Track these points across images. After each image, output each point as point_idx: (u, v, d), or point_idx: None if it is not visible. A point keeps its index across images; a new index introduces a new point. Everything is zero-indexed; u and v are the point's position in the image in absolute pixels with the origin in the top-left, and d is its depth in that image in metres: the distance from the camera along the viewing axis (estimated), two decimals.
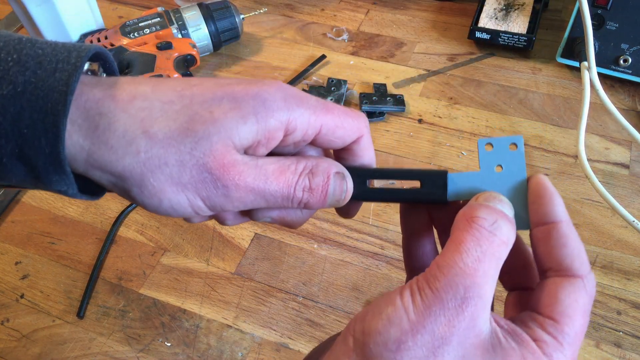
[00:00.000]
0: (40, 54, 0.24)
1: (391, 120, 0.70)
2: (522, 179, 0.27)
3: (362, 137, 0.29)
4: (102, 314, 0.54)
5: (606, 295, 0.52)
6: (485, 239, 0.23)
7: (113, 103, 0.25)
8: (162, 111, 0.25)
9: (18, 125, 0.23)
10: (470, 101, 0.71)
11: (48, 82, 0.23)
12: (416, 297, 0.23)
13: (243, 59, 0.80)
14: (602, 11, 0.68)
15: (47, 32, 0.72)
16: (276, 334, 0.51)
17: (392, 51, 0.80)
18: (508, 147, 0.27)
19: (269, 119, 0.26)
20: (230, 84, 0.27)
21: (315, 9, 0.88)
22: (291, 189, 0.27)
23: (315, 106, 0.27)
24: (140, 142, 0.25)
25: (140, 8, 0.92)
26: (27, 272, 0.58)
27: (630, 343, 0.49)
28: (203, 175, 0.25)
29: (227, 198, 0.26)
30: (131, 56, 0.71)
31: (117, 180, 0.25)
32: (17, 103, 0.23)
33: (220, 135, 0.25)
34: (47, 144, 0.23)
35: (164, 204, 0.26)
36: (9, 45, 0.24)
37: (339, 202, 0.28)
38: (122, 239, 0.60)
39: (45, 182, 0.24)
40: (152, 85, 0.26)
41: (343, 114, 0.28)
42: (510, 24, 0.76)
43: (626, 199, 0.59)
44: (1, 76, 0.23)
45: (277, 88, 0.27)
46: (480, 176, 0.27)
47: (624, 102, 0.70)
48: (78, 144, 0.24)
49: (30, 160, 0.24)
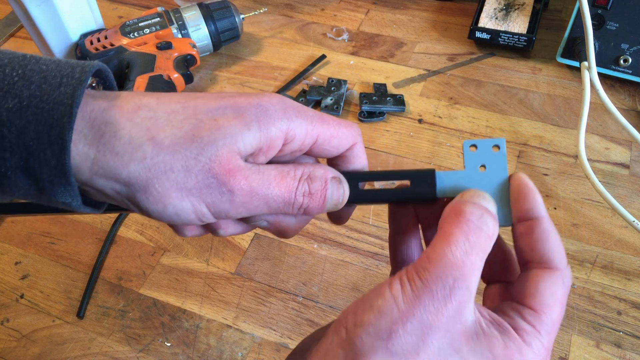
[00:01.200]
0: (45, 69, 0.24)
1: (391, 120, 0.70)
2: (504, 178, 0.28)
3: (355, 144, 0.30)
4: (102, 314, 0.54)
5: (606, 295, 0.52)
6: (472, 232, 0.24)
7: (118, 112, 0.25)
8: (167, 120, 0.26)
9: (23, 138, 0.23)
10: (471, 101, 0.71)
11: (53, 96, 0.24)
12: (406, 287, 0.23)
13: (243, 59, 0.80)
14: (602, 11, 0.67)
15: (47, 32, 0.72)
16: (276, 334, 0.51)
17: (392, 51, 0.80)
18: (491, 149, 0.29)
19: (271, 127, 0.27)
20: (232, 96, 0.28)
21: (315, 9, 0.88)
22: (292, 194, 0.27)
23: (313, 117, 0.28)
24: (147, 148, 0.25)
25: (140, 8, 0.92)
26: (27, 272, 0.58)
27: (630, 343, 0.49)
28: (209, 181, 0.26)
29: (231, 203, 0.26)
30: (131, 56, 0.71)
31: (121, 187, 0.26)
32: (22, 116, 0.23)
33: (225, 141, 0.26)
34: (53, 156, 0.23)
35: (168, 209, 0.26)
36: (14, 61, 0.24)
37: (337, 205, 0.29)
38: (122, 239, 0.60)
39: (49, 194, 0.25)
40: (155, 97, 0.27)
41: (337, 124, 0.29)
42: (511, 24, 0.76)
43: (626, 199, 0.59)
44: (6, 90, 0.23)
45: (277, 100, 0.28)
46: (466, 175, 0.29)
47: (624, 102, 0.70)
48: (83, 152, 0.25)
49: (35, 173, 0.24)
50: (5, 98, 0.23)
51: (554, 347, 0.49)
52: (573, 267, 0.54)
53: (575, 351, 0.49)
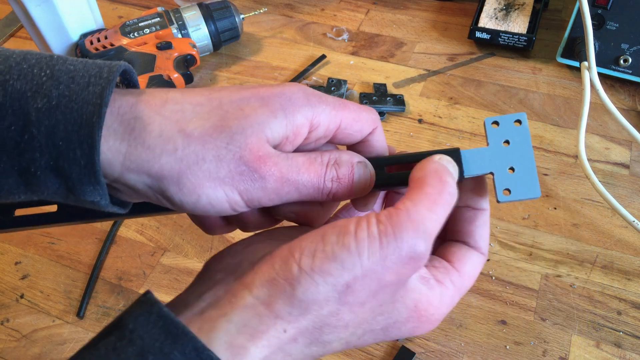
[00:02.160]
0: (72, 70, 0.25)
1: (391, 120, 0.70)
2: (529, 150, 0.29)
3: (376, 128, 0.31)
4: (102, 314, 0.54)
5: (606, 295, 0.52)
6: (449, 204, 0.26)
7: (147, 107, 0.26)
8: (194, 112, 0.26)
9: (53, 138, 0.23)
10: (471, 101, 0.71)
11: (82, 95, 0.24)
12: (374, 243, 0.24)
13: (243, 59, 0.80)
14: (602, 11, 0.67)
15: (47, 32, 0.72)
16: None
17: (392, 51, 0.80)
18: (513, 124, 0.29)
19: (296, 114, 0.27)
20: (254, 87, 0.29)
21: (315, 9, 0.88)
22: (321, 179, 0.28)
23: (335, 103, 0.29)
24: (177, 140, 0.25)
25: (140, 8, 0.92)
26: (27, 272, 0.58)
27: (630, 343, 0.49)
28: (241, 168, 0.26)
29: (264, 190, 0.27)
30: (131, 56, 0.71)
31: (152, 181, 0.26)
32: (51, 116, 0.23)
33: (253, 129, 0.26)
34: (83, 155, 0.24)
35: (202, 200, 0.26)
36: (42, 62, 0.25)
37: (364, 190, 0.30)
38: (122, 239, 0.60)
39: (78, 193, 0.25)
40: (180, 91, 0.28)
41: (358, 108, 0.30)
42: (510, 24, 0.76)
43: (626, 199, 0.59)
44: (35, 90, 0.24)
45: (298, 88, 0.28)
46: (490, 151, 0.29)
47: (624, 102, 0.70)
48: (114, 148, 0.25)
49: (65, 172, 0.24)
50: (34, 98, 0.23)
51: (554, 347, 0.49)
52: (573, 267, 0.54)
53: (575, 351, 0.49)
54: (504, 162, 0.29)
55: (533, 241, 0.57)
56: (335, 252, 0.24)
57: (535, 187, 0.29)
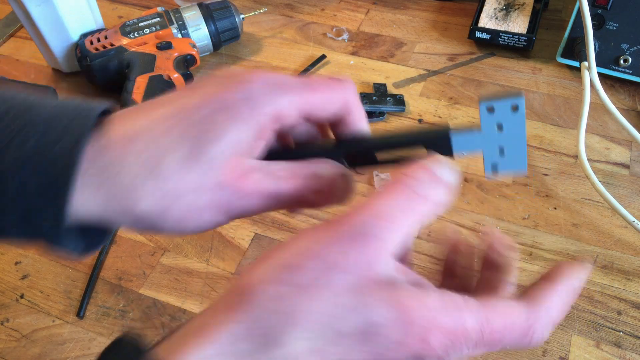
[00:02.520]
0: (47, 119, 0.25)
1: (391, 120, 0.70)
2: (522, 136, 0.28)
3: (352, 106, 0.29)
4: (102, 314, 0.54)
5: (606, 295, 0.52)
6: (409, 196, 0.25)
7: (117, 147, 0.26)
8: (163, 146, 0.26)
9: (23, 195, 0.24)
10: (471, 101, 0.71)
11: (53, 151, 0.24)
12: (319, 227, 0.24)
13: (243, 59, 0.80)
14: (602, 11, 0.67)
15: (47, 32, 0.72)
16: None
17: (392, 51, 0.80)
18: (510, 110, 0.28)
19: (261, 115, 0.27)
20: (221, 89, 0.27)
21: (315, 9, 0.88)
22: (300, 191, 0.28)
23: (300, 88, 0.28)
24: (153, 182, 0.25)
25: (140, 8, 0.92)
26: (27, 272, 0.58)
27: (631, 343, 0.49)
28: (222, 192, 0.26)
29: (245, 205, 0.27)
30: (131, 56, 0.71)
31: (136, 220, 0.26)
32: (21, 173, 0.24)
33: (228, 148, 0.26)
34: (53, 217, 0.24)
35: (189, 228, 0.27)
36: (13, 110, 0.25)
37: (344, 198, 0.30)
38: (122, 239, 0.60)
39: (50, 245, 0.26)
40: (146, 114, 0.27)
41: (327, 88, 0.28)
42: (510, 24, 0.76)
43: (626, 199, 0.59)
44: (6, 144, 0.24)
45: (261, 81, 0.27)
46: (482, 136, 0.28)
47: (624, 102, 0.70)
48: (91, 200, 0.25)
49: (35, 228, 0.25)
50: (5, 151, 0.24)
51: (554, 347, 0.49)
52: None
53: (575, 351, 0.49)
54: (495, 147, 0.29)
55: (533, 241, 0.57)
56: (280, 244, 0.25)
57: (523, 161, 0.28)
